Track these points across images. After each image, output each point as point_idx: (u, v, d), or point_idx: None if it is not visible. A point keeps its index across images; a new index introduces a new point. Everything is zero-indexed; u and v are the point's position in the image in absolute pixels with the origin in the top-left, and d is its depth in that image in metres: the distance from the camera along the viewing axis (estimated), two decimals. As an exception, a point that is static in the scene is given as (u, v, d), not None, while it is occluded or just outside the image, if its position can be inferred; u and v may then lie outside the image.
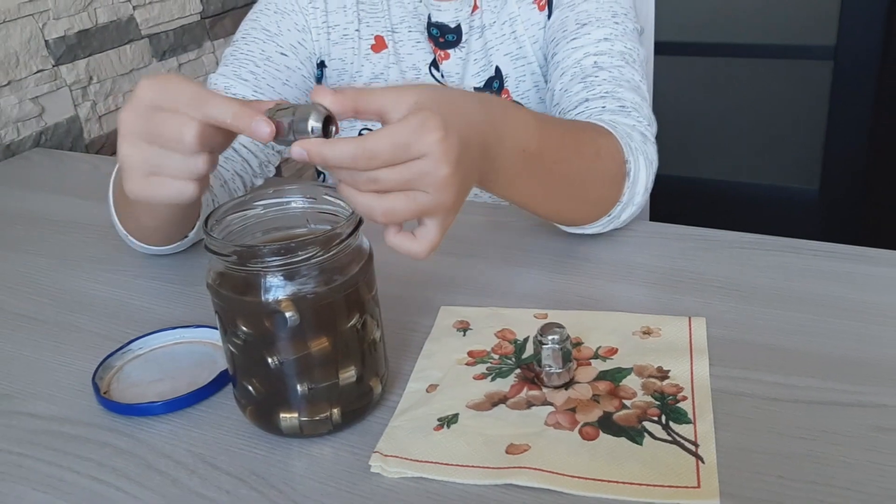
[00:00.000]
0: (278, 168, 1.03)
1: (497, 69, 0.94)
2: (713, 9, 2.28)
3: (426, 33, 0.95)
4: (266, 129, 0.49)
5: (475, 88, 0.95)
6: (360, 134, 1.01)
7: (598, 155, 0.70)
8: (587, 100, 0.80)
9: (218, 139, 0.52)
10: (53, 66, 1.31)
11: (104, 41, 1.39)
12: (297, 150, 0.49)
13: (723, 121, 2.37)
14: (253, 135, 0.49)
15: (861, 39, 2.14)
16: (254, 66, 0.89)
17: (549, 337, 0.57)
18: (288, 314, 0.51)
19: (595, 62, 0.82)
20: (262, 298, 0.50)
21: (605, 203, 0.73)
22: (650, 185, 0.75)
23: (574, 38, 0.85)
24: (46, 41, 1.29)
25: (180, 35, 1.54)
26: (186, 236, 0.78)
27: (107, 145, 1.42)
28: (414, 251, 0.52)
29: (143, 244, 0.78)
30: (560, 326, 0.58)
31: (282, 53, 0.92)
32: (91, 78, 1.37)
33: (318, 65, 0.96)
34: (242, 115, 0.49)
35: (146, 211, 0.69)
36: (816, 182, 2.33)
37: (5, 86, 1.24)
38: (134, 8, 1.43)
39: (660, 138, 0.81)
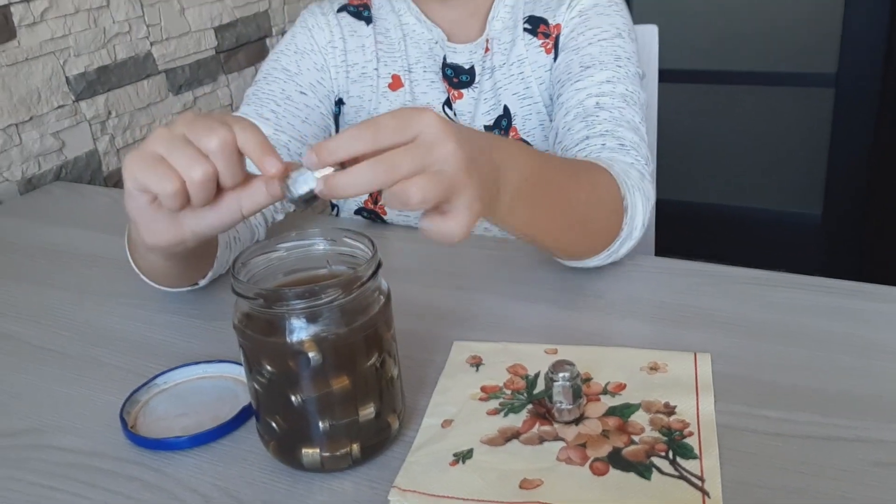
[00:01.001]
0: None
1: (505, 108, 0.97)
2: (717, 37, 2.32)
3: (441, 73, 0.98)
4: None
5: (485, 126, 0.98)
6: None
7: (595, 185, 0.73)
8: (588, 137, 0.83)
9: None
10: (74, 101, 1.34)
11: (122, 77, 1.43)
12: (321, 187, 0.52)
13: (726, 147, 2.40)
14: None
15: (862, 67, 2.18)
16: (274, 105, 0.93)
17: (560, 374, 0.59)
18: (311, 354, 0.53)
19: (597, 102, 0.85)
20: (287, 339, 0.53)
21: (605, 235, 0.75)
22: (646, 221, 0.78)
23: (578, 80, 0.88)
24: (67, 77, 1.33)
25: (196, 70, 1.58)
26: (197, 284, 0.80)
27: (124, 177, 1.46)
28: (448, 229, 0.53)
29: (157, 284, 0.80)
30: (570, 364, 0.60)
31: (301, 92, 0.95)
32: (110, 112, 1.41)
33: (335, 102, 1.00)
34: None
35: (159, 255, 0.69)
36: (819, 206, 2.35)
37: (27, 121, 1.27)
38: (151, 44, 1.47)
39: (664, 163, 0.84)
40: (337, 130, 1.01)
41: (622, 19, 0.94)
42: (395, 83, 0.99)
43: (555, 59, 0.96)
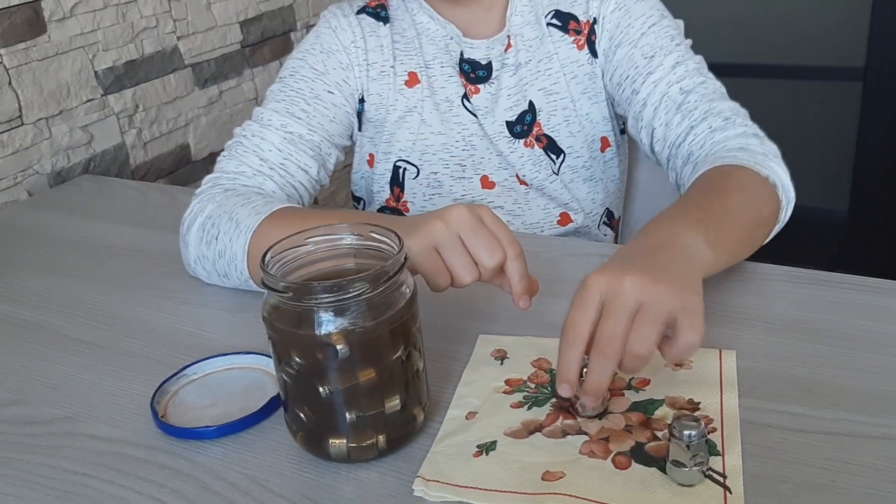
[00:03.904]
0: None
1: (531, 103, 0.98)
2: (742, 30, 2.30)
3: (458, 68, 0.98)
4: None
5: (507, 122, 0.98)
6: (394, 165, 1.05)
7: (747, 192, 0.75)
8: (692, 127, 0.86)
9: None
10: (102, 95, 1.36)
11: (150, 71, 1.44)
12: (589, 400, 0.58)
13: (752, 142, 2.38)
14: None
15: (890, 61, 2.15)
16: (305, 105, 0.94)
17: (584, 369, 0.59)
18: (338, 347, 0.54)
19: (680, 88, 0.88)
20: (315, 332, 0.54)
21: (773, 216, 0.78)
22: (786, 172, 0.80)
23: (650, 73, 0.91)
24: (96, 72, 1.35)
25: (221, 64, 1.60)
26: None
27: (151, 171, 1.48)
28: (689, 342, 0.56)
29: None
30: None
31: (329, 91, 0.96)
32: (137, 106, 1.43)
33: (359, 100, 1.00)
34: None
35: None
36: (846, 203, 2.33)
37: (57, 115, 1.29)
38: (178, 38, 1.49)
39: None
40: (360, 128, 1.02)
41: (655, 0, 0.97)
42: (412, 80, 0.99)
43: (592, 55, 0.97)
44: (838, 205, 2.34)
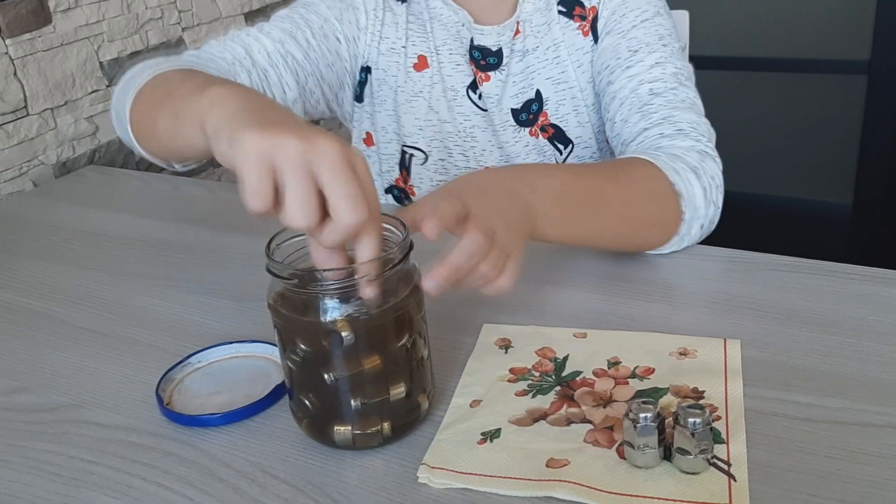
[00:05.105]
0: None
1: (538, 92, 0.97)
2: (747, 23, 2.29)
3: (468, 56, 0.98)
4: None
5: (513, 110, 0.98)
6: (402, 149, 1.05)
7: (634, 181, 0.74)
8: (645, 129, 0.84)
9: None
10: (107, 86, 1.36)
11: (155, 62, 1.44)
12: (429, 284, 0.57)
13: (756, 135, 2.37)
14: None
15: (895, 54, 2.14)
16: (310, 35, 0.92)
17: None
18: (344, 334, 0.54)
19: (650, 89, 0.86)
20: (320, 319, 0.54)
21: (664, 223, 0.76)
22: (715, 198, 0.79)
23: (628, 67, 0.89)
24: (101, 63, 1.35)
25: (226, 55, 1.59)
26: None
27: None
28: (503, 285, 0.60)
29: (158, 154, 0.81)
30: None
31: (337, 38, 0.96)
32: (142, 97, 1.43)
33: (364, 68, 1.00)
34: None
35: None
36: (850, 196, 2.32)
37: (62, 106, 1.30)
38: (183, 30, 1.49)
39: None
40: (359, 99, 1.02)
41: None
42: (421, 63, 0.99)
43: (595, 40, 0.96)
44: (843, 199, 2.33)
